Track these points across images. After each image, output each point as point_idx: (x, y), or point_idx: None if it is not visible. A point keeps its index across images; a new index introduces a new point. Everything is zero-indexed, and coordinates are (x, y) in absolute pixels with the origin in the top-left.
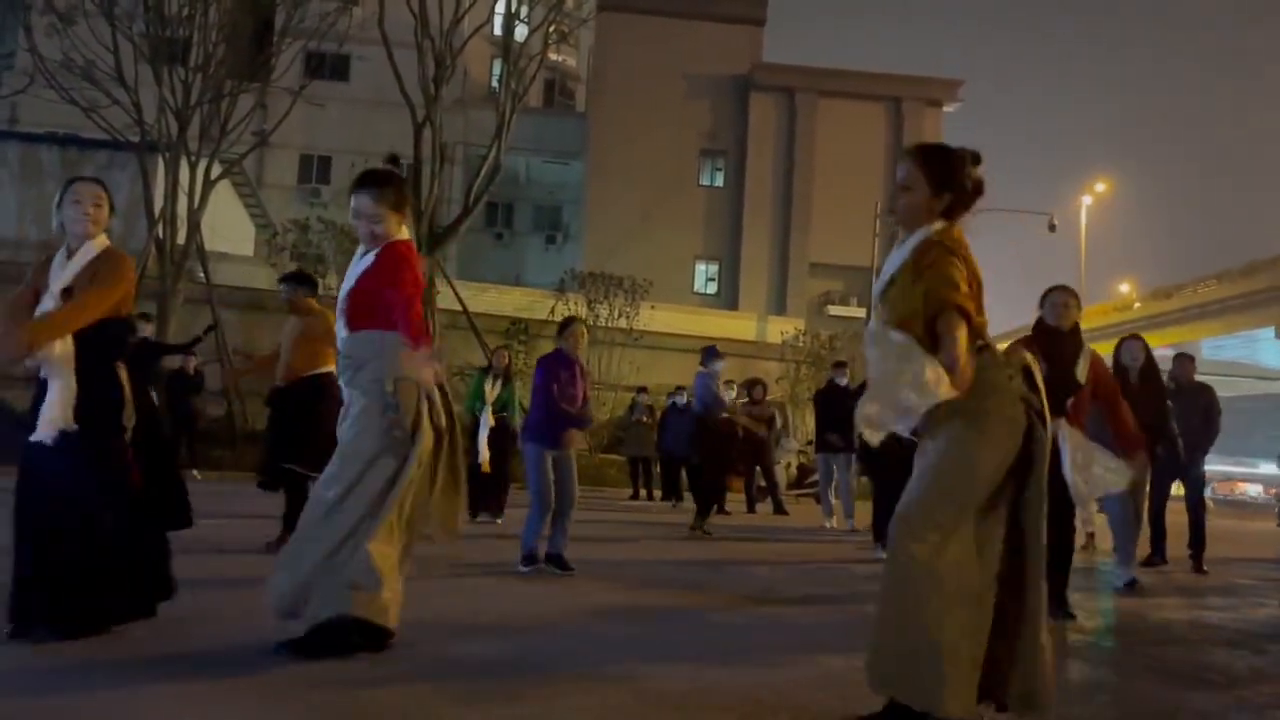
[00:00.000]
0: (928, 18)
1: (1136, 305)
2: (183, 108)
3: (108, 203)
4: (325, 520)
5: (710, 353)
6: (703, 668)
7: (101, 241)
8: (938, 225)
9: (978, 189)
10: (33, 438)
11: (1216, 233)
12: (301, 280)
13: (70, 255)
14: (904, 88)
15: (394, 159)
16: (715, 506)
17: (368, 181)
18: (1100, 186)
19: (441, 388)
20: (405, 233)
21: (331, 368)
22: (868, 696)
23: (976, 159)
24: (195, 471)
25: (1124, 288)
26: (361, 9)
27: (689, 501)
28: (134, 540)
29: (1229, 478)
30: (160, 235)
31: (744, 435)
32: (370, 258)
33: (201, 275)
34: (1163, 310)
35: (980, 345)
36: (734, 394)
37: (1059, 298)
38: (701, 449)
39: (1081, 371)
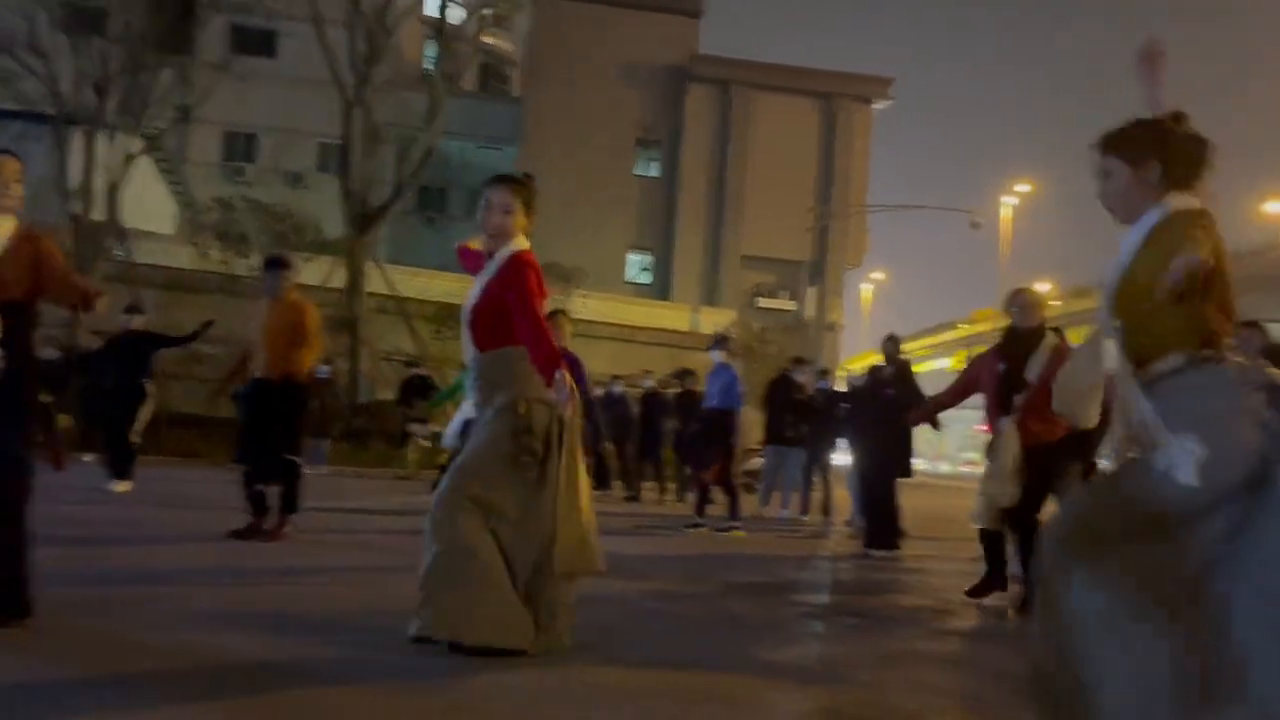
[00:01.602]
0: (861, 15)
1: (1059, 302)
2: (102, 80)
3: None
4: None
5: (717, 340)
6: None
7: (8, 224)
8: (1174, 201)
9: (1195, 143)
10: None
11: None
12: (289, 265)
13: None
14: (836, 84)
15: (528, 177)
16: (704, 501)
17: (505, 177)
18: (1023, 187)
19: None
20: (525, 242)
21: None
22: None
23: (1177, 117)
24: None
25: (1046, 286)
26: None
27: (618, 490)
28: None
29: None
30: (76, 211)
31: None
32: (494, 268)
33: (120, 253)
34: (1083, 308)
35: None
36: (653, 384)
37: (1019, 299)
38: (716, 443)
39: (1032, 369)
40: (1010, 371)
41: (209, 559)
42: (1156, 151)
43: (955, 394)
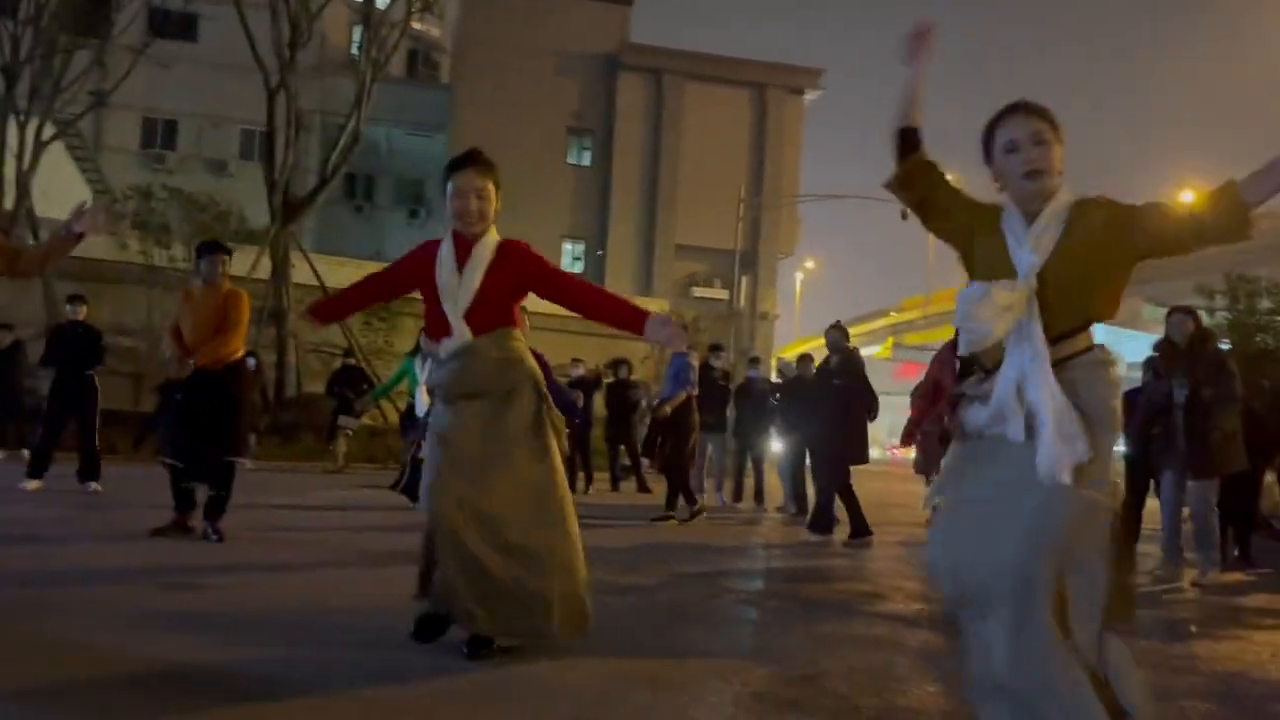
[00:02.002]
0: (791, 6)
1: None
2: (11, 63)
3: None
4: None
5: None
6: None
7: None
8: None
9: None
10: None
11: None
12: (227, 251)
13: None
14: (768, 74)
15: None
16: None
17: (471, 157)
18: (950, 177)
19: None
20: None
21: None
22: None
23: None
24: None
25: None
26: None
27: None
28: None
29: None
30: None
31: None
32: (486, 256)
33: (31, 243)
34: None
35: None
36: (582, 372)
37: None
38: (671, 432)
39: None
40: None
41: (139, 559)
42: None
43: (926, 403)
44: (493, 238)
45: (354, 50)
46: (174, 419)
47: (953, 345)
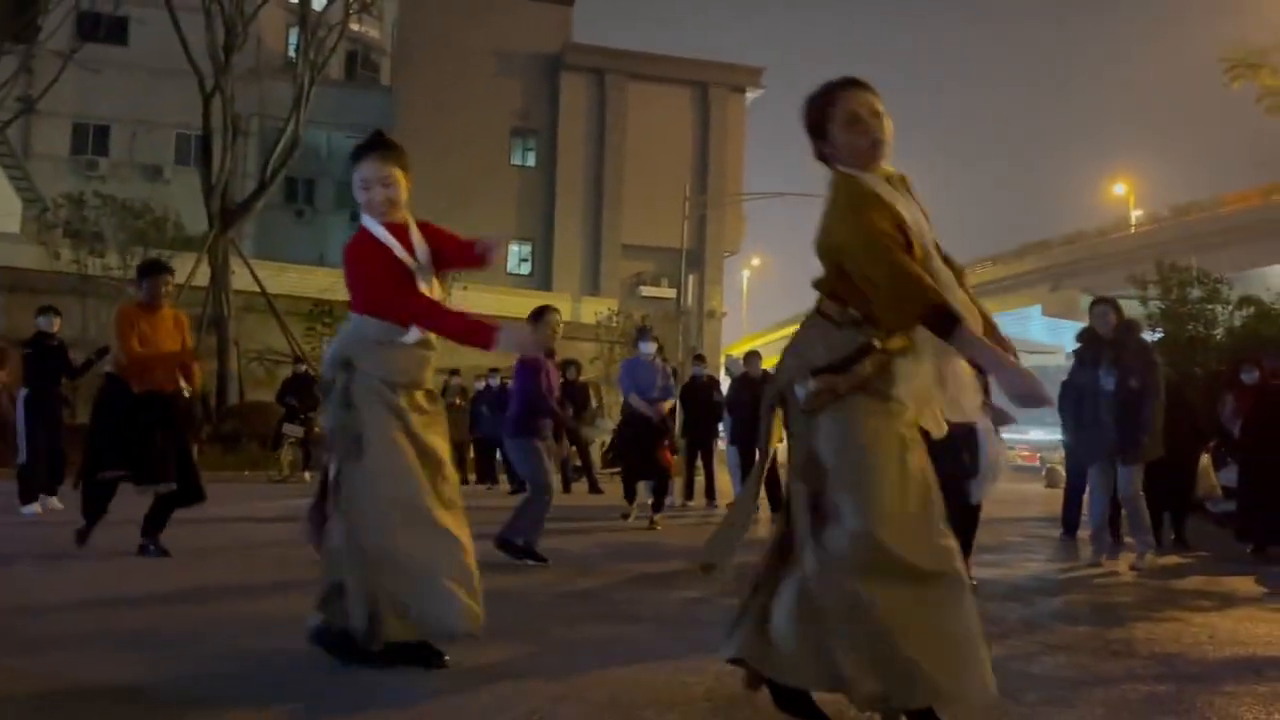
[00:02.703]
0: (731, 5)
1: None
2: None
3: None
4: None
5: (642, 333)
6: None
7: None
8: None
9: None
10: None
11: (995, 216)
12: (170, 270)
13: None
14: (710, 73)
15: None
16: (634, 493)
17: (372, 144)
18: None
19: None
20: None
21: None
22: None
23: None
24: None
25: None
26: None
27: (504, 484)
28: None
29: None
30: None
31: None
32: (419, 238)
33: None
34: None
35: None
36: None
37: None
38: (639, 437)
39: None
40: None
41: (81, 576)
42: None
43: None
44: (413, 221)
45: (291, 53)
46: (126, 432)
47: None
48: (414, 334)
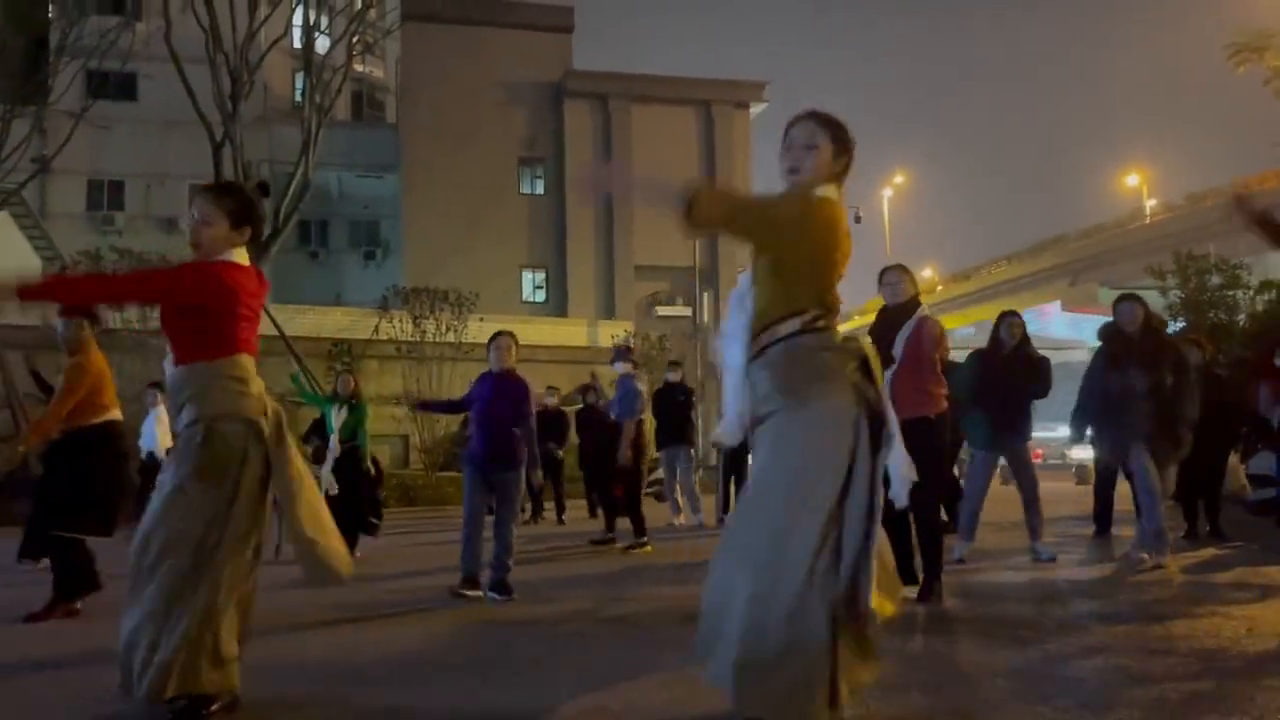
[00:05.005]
0: (730, 22)
1: (939, 288)
2: None
3: None
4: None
5: (619, 353)
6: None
7: None
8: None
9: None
10: None
11: (1012, 214)
12: (98, 319)
13: None
14: (712, 91)
15: (262, 185)
16: (614, 518)
17: (210, 187)
18: (899, 179)
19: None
20: (240, 255)
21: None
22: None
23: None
24: None
25: (927, 272)
26: (146, 24)
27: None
28: None
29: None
30: None
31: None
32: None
33: None
34: (963, 291)
35: (821, 322)
36: (554, 401)
37: (888, 277)
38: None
39: (898, 346)
40: (880, 349)
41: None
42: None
43: None
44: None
45: (298, 97)
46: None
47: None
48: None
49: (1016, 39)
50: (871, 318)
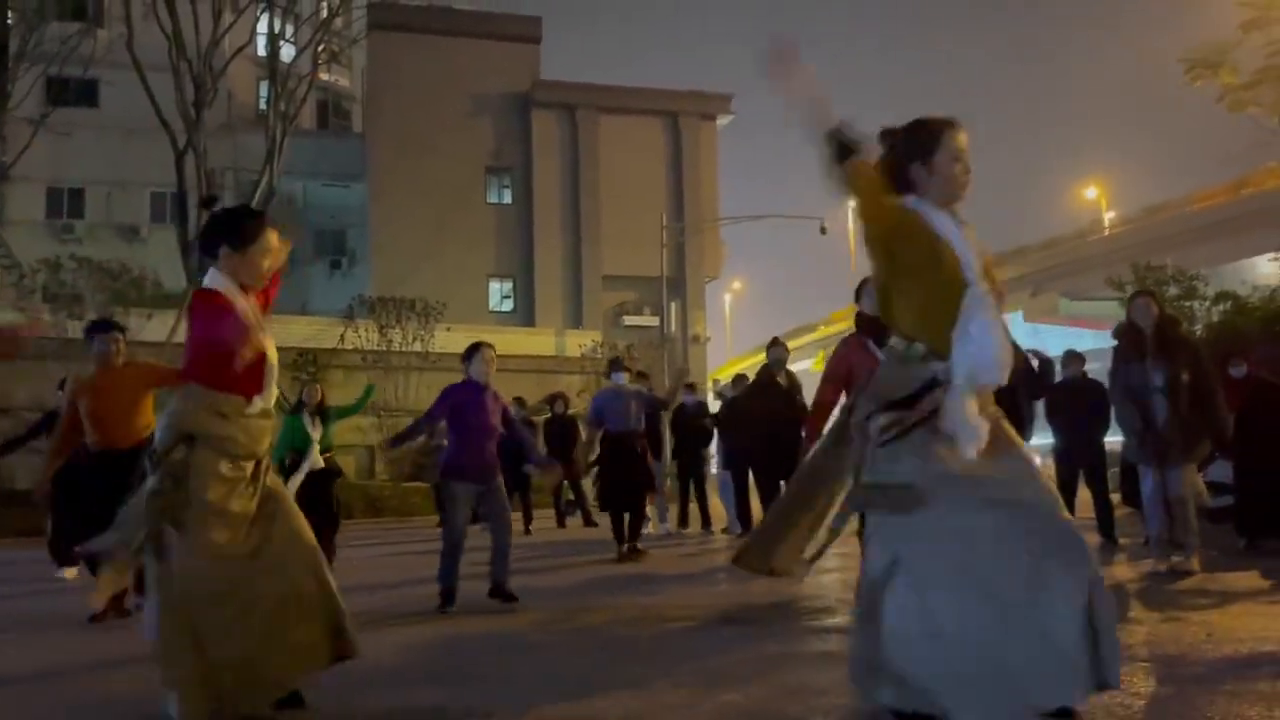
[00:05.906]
0: (696, 34)
1: None
2: None
3: None
4: None
5: (615, 364)
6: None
7: None
8: None
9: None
10: None
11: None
12: (121, 329)
13: None
14: (679, 102)
15: (211, 200)
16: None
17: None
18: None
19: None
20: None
21: None
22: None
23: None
24: None
25: None
26: (108, 31)
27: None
28: None
29: None
30: None
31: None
32: None
33: None
34: None
35: None
36: (524, 412)
37: (867, 288)
38: (623, 467)
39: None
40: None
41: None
42: None
43: (835, 390)
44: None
45: (263, 105)
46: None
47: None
48: (256, 405)
49: (973, 56)
50: (838, 328)
